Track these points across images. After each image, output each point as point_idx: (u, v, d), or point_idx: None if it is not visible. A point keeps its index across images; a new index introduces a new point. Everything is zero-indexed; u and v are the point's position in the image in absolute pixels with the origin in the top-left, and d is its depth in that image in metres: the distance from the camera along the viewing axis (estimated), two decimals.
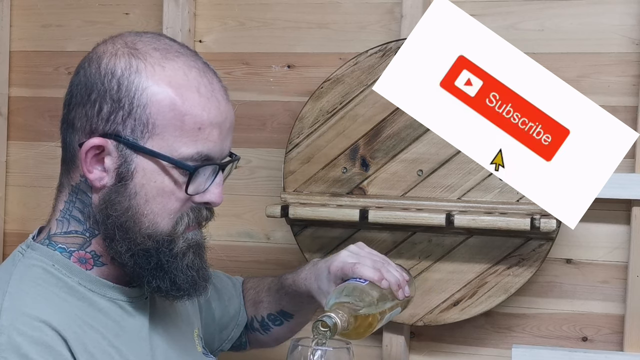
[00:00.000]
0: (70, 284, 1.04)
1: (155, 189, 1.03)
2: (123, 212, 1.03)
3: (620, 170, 1.62)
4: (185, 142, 1.02)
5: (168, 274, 1.07)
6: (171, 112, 1.01)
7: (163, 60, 1.03)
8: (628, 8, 1.63)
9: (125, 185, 1.03)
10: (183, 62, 1.04)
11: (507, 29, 1.68)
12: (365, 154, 1.67)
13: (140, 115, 1.01)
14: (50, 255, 1.06)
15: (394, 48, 1.65)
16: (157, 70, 1.02)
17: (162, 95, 1.01)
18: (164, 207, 1.04)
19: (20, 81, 1.97)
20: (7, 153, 1.98)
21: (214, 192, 1.07)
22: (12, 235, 1.99)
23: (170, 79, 1.02)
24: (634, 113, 1.62)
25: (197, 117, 1.02)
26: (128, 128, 1.01)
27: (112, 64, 1.02)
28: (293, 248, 1.78)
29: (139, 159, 1.02)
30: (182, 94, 1.02)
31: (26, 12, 1.97)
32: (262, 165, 1.83)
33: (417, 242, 1.66)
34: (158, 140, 1.02)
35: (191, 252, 1.08)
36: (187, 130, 1.02)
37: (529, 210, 1.57)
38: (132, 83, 1.01)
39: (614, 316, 1.67)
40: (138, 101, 1.01)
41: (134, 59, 1.02)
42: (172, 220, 1.05)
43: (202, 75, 1.05)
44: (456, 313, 1.65)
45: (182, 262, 1.07)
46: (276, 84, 1.82)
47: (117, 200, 1.03)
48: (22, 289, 1.01)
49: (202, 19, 1.85)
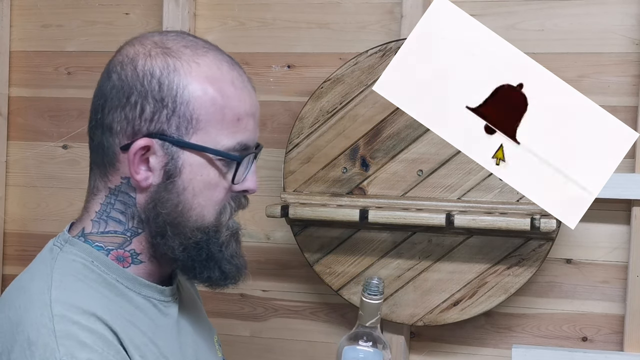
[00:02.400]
0: (109, 280, 1.06)
1: (202, 183, 1.06)
2: (173, 209, 1.05)
3: (620, 170, 1.62)
4: (227, 134, 1.05)
5: (217, 264, 1.10)
6: (212, 107, 1.04)
7: (195, 56, 1.06)
8: (628, 8, 1.63)
9: (173, 182, 1.05)
10: (213, 57, 1.07)
11: (507, 29, 1.68)
12: (365, 154, 1.67)
13: (184, 112, 1.03)
14: (89, 251, 1.07)
15: (394, 48, 1.65)
16: (193, 67, 1.04)
17: (203, 90, 1.04)
18: (210, 199, 1.07)
19: (20, 81, 1.97)
20: (7, 153, 1.98)
21: (252, 180, 1.10)
22: (12, 235, 1.99)
23: (206, 75, 1.05)
24: (634, 113, 1.62)
25: (235, 109, 1.06)
26: (173, 126, 1.03)
27: (149, 64, 1.04)
28: (293, 248, 1.78)
29: (185, 154, 1.04)
30: (220, 87, 1.05)
31: (26, 12, 1.97)
32: (262, 165, 1.83)
33: (417, 242, 1.66)
34: (202, 135, 1.04)
35: (233, 240, 1.11)
36: (228, 122, 1.05)
37: (529, 210, 1.57)
38: (172, 82, 1.03)
39: (614, 316, 1.67)
40: (181, 99, 1.03)
41: (169, 58, 1.04)
42: (217, 211, 1.08)
43: (232, 68, 1.08)
44: (456, 313, 1.65)
45: (227, 250, 1.10)
46: (276, 84, 1.82)
47: (166, 198, 1.05)
48: (66, 283, 1.02)
49: (202, 19, 1.85)
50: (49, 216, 1.97)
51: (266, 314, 1.86)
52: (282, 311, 1.85)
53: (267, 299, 1.85)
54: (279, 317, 1.85)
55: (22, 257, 1.97)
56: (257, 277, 1.85)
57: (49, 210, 1.97)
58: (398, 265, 1.67)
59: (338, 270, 1.70)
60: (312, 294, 1.83)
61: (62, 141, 1.96)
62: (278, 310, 1.85)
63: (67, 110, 1.95)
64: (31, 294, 1.01)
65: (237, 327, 1.87)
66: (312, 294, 1.83)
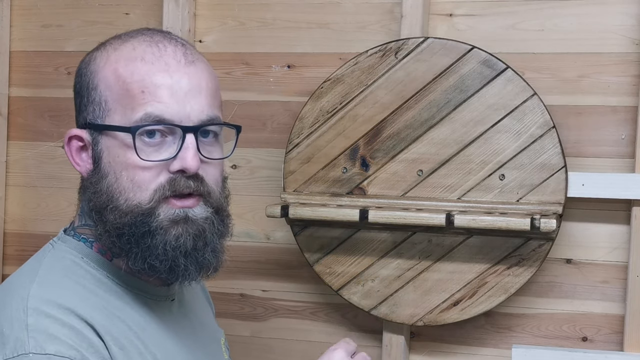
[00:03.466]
0: (98, 276, 1.06)
1: (120, 164, 1.04)
2: (100, 195, 1.05)
3: (620, 170, 1.63)
4: (134, 107, 1.03)
5: (142, 252, 1.03)
6: (117, 85, 1.04)
7: (119, 43, 1.08)
8: (628, 8, 1.63)
9: (98, 167, 1.06)
10: (136, 40, 1.07)
11: (507, 29, 1.68)
12: (365, 154, 1.67)
13: (94, 97, 1.06)
14: (79, 247, 1.08)
15: (394, 48, 1.65)
16: (110, 54, 1.07)
17: (108, 72, 1.06)
18: (131, 180, 1.03)
19: (20, 81, 1.97)
20: (7, 153, 1.98)
21: (183, 157, 1.03)
22: (12, 235, 1.99)
23: (118, 58, 1.06)
24: (634, 113, 1.62)
25: (140, 82, 1.04)
26: (90, 113, 1.07)
27: (81, 63, 1.11)
28: (293, 248, 1.78)
29: (102, 138, 1.06)
30: (126, 65, 1.05)
31: (26, 12, 1.97)
32: (262, 165, 1.83)
33: (417, 242, 1.66)
34: (113, 115, 1.05)
35: (177, 228, 1.03)
36: (133, 97, 1.03)
37: (529, 210, 1.57)
38: (87, 71, 1.08)
39: (614, 316, 1.67)
40: (92, 85, 1.06)
41: (96, 51, 1.09)
42: (148, 193, 1.03)
43: (151, 45, 1.06)
44: (456, 313, 1.65)
45: (161, 238, 1.03)
46: (276, 84, 1.82)
47: (94, 185, 1.06)
48: (50, 279, 1.03)
49: (202, 19, 1.85)
50: (49, 216, 1.97)
51: (266, 314, 1.86)
52: (282, 311, 1.85)
53: (267, 299, 1.85)
54: (279, 317, 1.85)
55: (22, 257, 1.97)
56: (257, 277, 1.85)
57: (49, 210, 1.97)
58: (398, 265, 1.67)
59: (338, 270, 1.70)
60: (312, 294, 1.83)
61: (62, 141, 1.94)
62: (278, 310, 1.85)
63: (67, 110, 1.95)
64: (13, 289, 1.02)
65: (237, 327, 1.87)
66: (312, 294, 1.83)
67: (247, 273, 1.86)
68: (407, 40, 1.65)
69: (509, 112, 1.60)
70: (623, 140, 1.64)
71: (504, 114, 1.60)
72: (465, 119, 1.62)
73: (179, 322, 1.15)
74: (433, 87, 1.63)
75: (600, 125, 1.65)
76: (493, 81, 1.61)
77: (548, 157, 1.58)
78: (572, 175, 1.59)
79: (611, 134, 1.65)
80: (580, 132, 1.66)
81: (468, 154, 1.62)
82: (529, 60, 1.68)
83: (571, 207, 1.64)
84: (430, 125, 1.64)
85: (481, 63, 1.61)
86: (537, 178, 1.58)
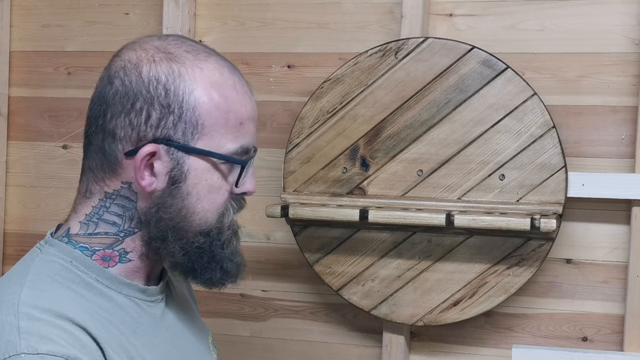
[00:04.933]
0: (87, 280, 1.06)
1: (206, 187, 1.07)
2: (176, 213, 1.06)
3: (620, 170, 1.63)
4: (230, 139, 1.07)
5: (219, 264, 1.11)
6: (217, 112, 1.05)
7: (198, 62, 1.07)
8: (628, 8, 1.63)
9: (178, 187, 1.06)
10: (215, 62, 1.09)
11: (507, 29, 1.69)
12: (365, 154, 1.67)
13: (190, 117, 1.04)
14: (69, 252, 1.07)
15: (394, 48, 1.65)
16: (196, 73, 1.06)
17: (208, 96, 1.05)
18: (213, 202, 1.08)
19: (20, 81, 1.97)
20: (7, 153, 1.99)
21: (252, 182, 1.12)
22: (12, 235, 1.99)
23: (210, 80, 1.06)
24: (634, 113, 1.62)
25: (238, 114, 1.07)
26: (179, 132, 1.04)
27: (154, 70, 1.04)
28: (293, 248, 1.78)
29: (190, 159, 1.05)
30: (223, 92, 1.06)
31: (26, 12, 1.97)
32: (262, 165, 1.83)
33: (417, 242, 1.66)
34: (207, 140, 1.05)
35: (234, 238, 1.13)
36: (231, 127, 1.07)
37: (529, 210, 1.57)
38: (178, 88, 1.04)
39: (614, 316, 1.67)
40: (187, 104, 1.04)
41: (173, 63, 1.05)
42: (219, 213, 1.09)
43: (233, 73, 1.10)
44: (456, 313, 1.65)
45: (228, 249, 1.12)
46: (276, 84, 1.82)
47: (170, 203, 1.06)
48: (39, 284, 1.03)
49: (202, 19, 1.85)
50: (49, 216, 1.97)
51: (266, 314, 1.86)
52: (282, 311, 1.85)
53: (267, 299, 1.85)
54: (279, 317, 1.85)
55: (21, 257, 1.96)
56: (257, 277, 1.86)
57: (49, 210, 1.97)
58: (398, 265, 1.67)
59: (338, 270, 1.70)
60: (312, 294, 1.83)
61: (62, 141, 1.96)
62: (278, 310, 1.85)
63: (67, 110, 1.95)
64: (2, 294, 1.01)
65: (237, 327, 1.87)
66: (312, 294, 1.83)
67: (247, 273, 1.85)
68: (407, 40, 1.65)
69: (509, 112, 1.60)
70: (623, 140, 1.64)
71: (504, 114, 1.60)
72: (465, 119, 1.62)
73: (170, 323, 1.15)
74: (433, 87, 1.63)
75: (600, 125, 1.65)
76: (493, 81, 1.61)
77: (548, 157, 1.58)
78: (572, 175, 1.60)
79: (611, 134, 1.65)
80: (580, 132, 1.66)
81: (468, 154, 1.62)
82: (529, 60, 1.68)
83: (571, 207, 1.64)
84: (430, 125, 1.64)
85: (481, 63, 1.61)
86: (537, 178, 1.59)
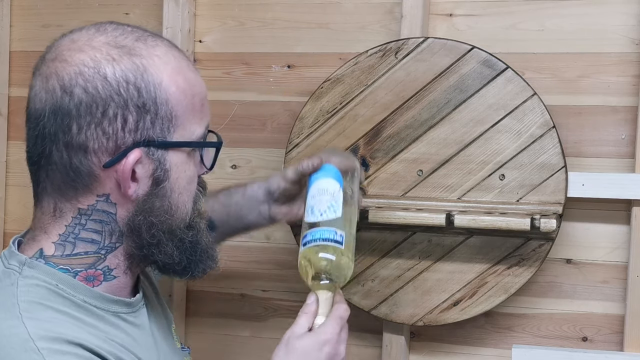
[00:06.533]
0: (76, 301, 1.00)
1: (186, 179, 1.03)
2: (165, 214, 1.01)
3: (620, 170, 1.63)
4: (197, 122, 1.02)
5: (206, 252, 1.08)
6: (185, 99, 1.00)
7: (152, 49, 1.00)
8: (628, 8, 1.63)
9: (162, 187, 1.00)
10: (164, 45, 1.02)
11: (507, 29, 1.68)
12: (365, 154, 1.67)
13: (165, 112, 0.98)
14: (52, 274, 1.00)
15: (394, 48, 1.65)
16: (157, 62, 0.99)
17: (175, 85, 0.99)
18: (190, 192, 1.05)
19: (20, 81, 1.97)
20: (7, 153, 1.99)
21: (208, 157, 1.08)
22: (12, 235, 1.98)
23: (170, 67, 1.00)
24: (634, 113, 1.62)
25: (200, 94, 1.03)
26: (157, 129, 0.98)
27: (119, 70, 0.96)
28: (293, 248, 1.78)
29: (169, 155, 1.00)
30: (185, 76, 1.01)
31: (26, 12, 1.97)
32: (262, 165, 1.83)
33: (417, 242, 1.66)
34: (181, 130, 1.01)
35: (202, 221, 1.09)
36: (197, 110, 1.02)
37: (529, 210, 1.57)
38: (148, 83, 0.97)
39: (614, 316, 1.67)
40: (160, 99, 0.98)
41: (134, 57, 0.98)
42: (193, 201, 1.06)
43: (179, 51, 1.04)
44: (456, 313, 1.65)
45: (208, 237, 1.09)
46: (276, 84, 1.82)
47: (158, 205, 1.01)
48: (35, 313, 0.96)
49: (202, 19, 1.85)
50: None
51: (266, 314, 1.86)
52: (282, 311, 1.84)
53: (267, 299, 1.85)
54: (279, 317, 1.85)
55: None
56: (257, 277, 1.85)
57: None
58: (398, 265, 1.67)
59: None
60: None
61: None
62: (278, 310, 1.85)
63: None
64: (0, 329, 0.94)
65: (237, 327, 1.87)
66: None
67: (247, 273, 1.85)
68: (407, 40, 1.65)
69: (509, 112, 1.60)
70: (623, 140, 1.64)
71: (504, 114, 1.60)
72: (465, 119, 1.62)
73: (151, 328, 1.12)
74: (433, 87, 1.63)
75: (600, 125, 1.65)
76: (493, 81, 1.61)
77: (548, 157, 1.58)
78: (572, 175, 1.59)
79: (611, 134, 1.65)
80: (580, 132, 1.66)
81: (468, 154, 1.62)
82: (529, 60, 1.67)
83: (571, 207, 1.64)
84: (430, 125, 1.64)
85: (481, 63, 1.61)
86: (537, 178, 1.58)
